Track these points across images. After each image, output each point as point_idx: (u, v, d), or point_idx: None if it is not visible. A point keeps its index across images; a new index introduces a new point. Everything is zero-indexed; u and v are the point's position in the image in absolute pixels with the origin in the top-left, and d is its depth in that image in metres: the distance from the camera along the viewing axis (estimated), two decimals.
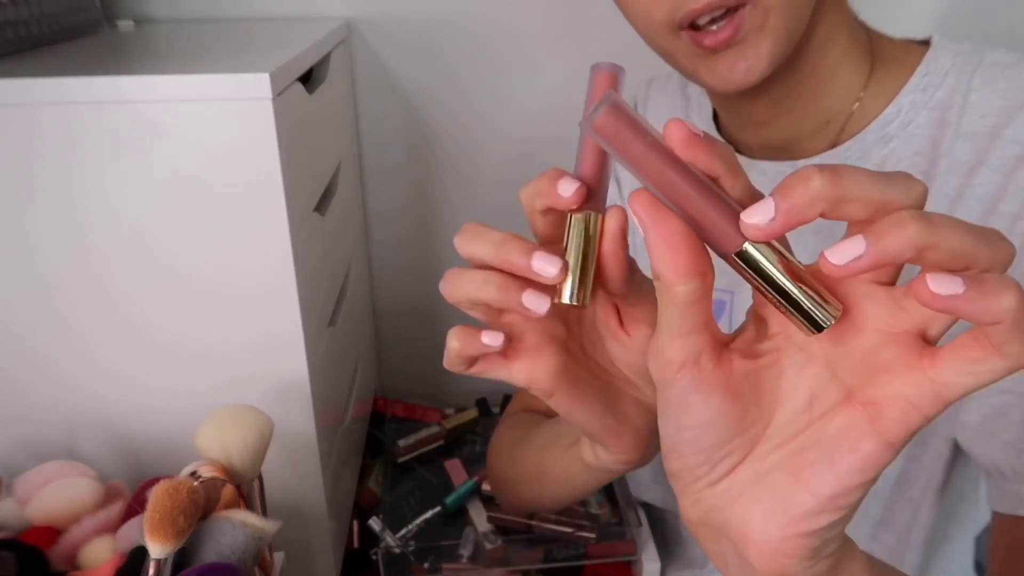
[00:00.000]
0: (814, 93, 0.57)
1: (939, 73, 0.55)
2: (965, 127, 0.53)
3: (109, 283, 0.60)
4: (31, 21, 0.69)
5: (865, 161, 0.57)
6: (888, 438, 0.28)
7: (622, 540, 0.79)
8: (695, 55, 0.51)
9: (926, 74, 0.55)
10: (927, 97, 0.55)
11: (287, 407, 0.64)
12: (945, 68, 0.55)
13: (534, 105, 1.00)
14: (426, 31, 0.96)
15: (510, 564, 0.78)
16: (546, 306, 0.35)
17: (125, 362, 0.63)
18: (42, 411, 0.64)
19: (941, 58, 0.56)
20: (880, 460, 0.28)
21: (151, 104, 0.55)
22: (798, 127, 0.58)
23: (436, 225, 1.07)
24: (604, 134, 0.28)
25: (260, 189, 0.58)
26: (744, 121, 0.61)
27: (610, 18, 0.99)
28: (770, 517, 0.30)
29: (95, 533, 0.54)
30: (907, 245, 0.24)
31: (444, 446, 0.95)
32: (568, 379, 0.39)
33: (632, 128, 0.28)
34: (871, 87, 0.57)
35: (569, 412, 0.40)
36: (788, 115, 0.58)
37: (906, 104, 0.55)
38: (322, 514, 0.70)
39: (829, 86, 0.57)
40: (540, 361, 0.39)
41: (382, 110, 1.00)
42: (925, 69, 0.56)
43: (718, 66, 0.50)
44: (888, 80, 0.56)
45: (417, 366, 1.15)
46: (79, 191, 0.58)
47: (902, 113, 0.55)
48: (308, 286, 0.64)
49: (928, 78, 0.55)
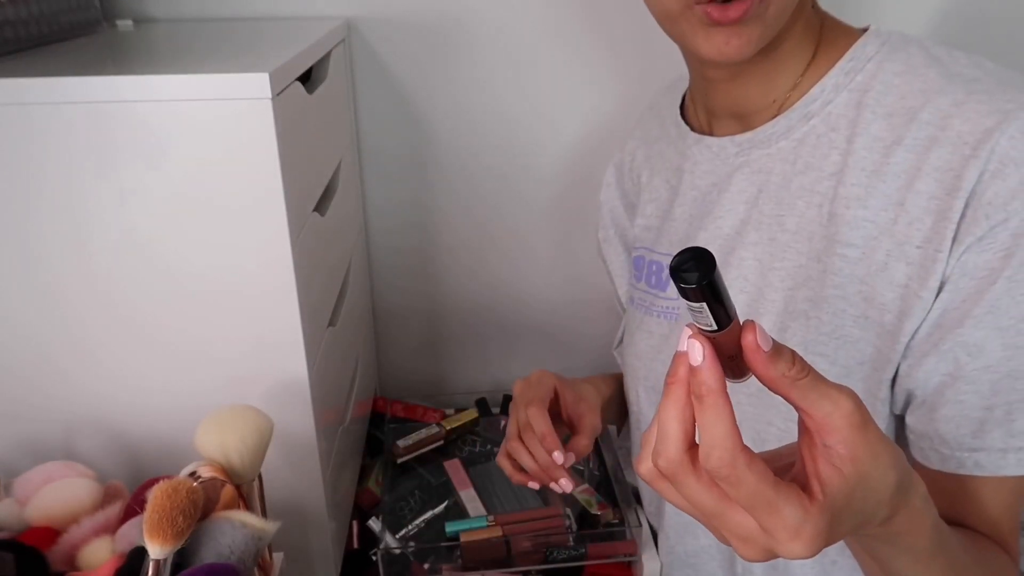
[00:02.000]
0: (767, 74, 0.62)
1: (863, 59, 0.60)
2: (885, 107, 0.58)
3: (108, 283, 0.60)
4: (29, 20, 0.69)
5: (788, 136, 0.62)
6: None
7: (622, 540, 0.79)
8: (699, 25, 0.56)
9: (851, 59, 0.60)
10: (848, 80, 0.60)
11: (287, 407, 0.64)
12: (870, 54, 0.60)
13: (533, 105, 1.00)
14: (426, 31, 0.96)
15: (510, 564, 0.78)
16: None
17: (124, 362, 0.63)
18: (41, 411, 0.64)
19: (868, 45, 0.60)
20: None
21: (150, 104, 0.55)
22: (752, 103, 0.64)
23: (436, 225, 1.07)
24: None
25: (260, 189, 0.58)
26: (709, 92, 0.67)
27: (609, 18, 0.99)
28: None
29: (94, 534, 0.54)
30: None
31: (444, 446, 0.95)
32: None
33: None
34: (810, 70, 0.62)
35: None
36: (744, 91, 0.64)
37: (829, 86, 0.60)
38: (322, 514, 0.70)
39: (779, 69, 0.62)
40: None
41: (382, 110, 1.00)
42: (852, 55, 0.60)
43: (715, 38, 0.56)
44: (824, 64, 0.61)
45: (417, 366, 1.15)
46: (78, 191, 0.57)
47: (824, 93, 0.61)
48: (308, 286, 0.64)
49: (852, 63, 0.60)
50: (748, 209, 0.64)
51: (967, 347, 0.53)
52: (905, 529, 0.42)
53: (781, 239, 0.62)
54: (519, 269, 1.09)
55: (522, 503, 0.84)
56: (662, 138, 0.77)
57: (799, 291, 0.60)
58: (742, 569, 0.69)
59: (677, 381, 0.37)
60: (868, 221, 0.57)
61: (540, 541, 0.78)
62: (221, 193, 0.58)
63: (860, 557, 0.49)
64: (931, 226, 0.54)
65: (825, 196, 0.59)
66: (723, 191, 0.66)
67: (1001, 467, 0.53)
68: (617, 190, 0.85)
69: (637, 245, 0.78)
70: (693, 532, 0.73)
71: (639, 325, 0.75)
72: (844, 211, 0.58)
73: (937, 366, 0.54)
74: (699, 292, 0.33)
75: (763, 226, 0.63)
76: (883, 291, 0.56)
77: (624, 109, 0.99)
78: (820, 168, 0.60)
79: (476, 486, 0.87)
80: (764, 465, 0.36)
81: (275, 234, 0.59)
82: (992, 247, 0.51)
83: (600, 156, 1.02)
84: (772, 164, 0.63)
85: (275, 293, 0.61)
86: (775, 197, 0.62)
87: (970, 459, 0.54)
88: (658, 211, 0.75)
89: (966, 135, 0.53)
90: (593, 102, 1.00)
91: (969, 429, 0.54)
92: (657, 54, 0.91)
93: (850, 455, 0.36)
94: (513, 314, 1.10)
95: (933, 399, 0.55)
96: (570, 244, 1.08)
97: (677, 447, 0.37)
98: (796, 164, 0.61)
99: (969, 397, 0.54)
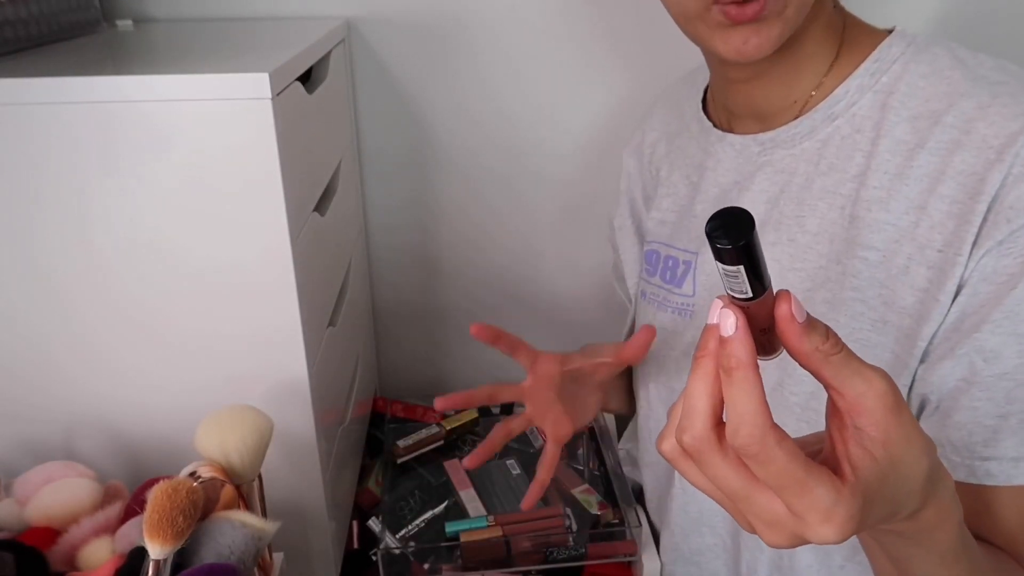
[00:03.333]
0: (787, 75, 0.62)
1: (888, 60, 0.59)
2: (909, 109, 0.57)
3: (108, 282, 0.60)
4: (29, 20, 0.69)
5: (812, 136, 0.62)
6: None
7: (622, 540, 0.79)
8: (717, 25, 0.56)
9: (877, 60, 0.60)
10: (873, 81, 0.60)
11: (287, 407, 0.64)
12: (895, 56, 0.59)
13: (534, 104, 1.00)
14: (425, 31, 0.96)
15: (510, 564, 0.78)
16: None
17: (124, 362, 0.63)
18: (41, 411, 0.64)
19: (894, 46, 0.60)
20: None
21: (150, 104, 0.55)
22: (773, 103, 0.64)
23: (436, 224, 1.07)
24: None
25: (260, 189, 0.58)
26: (730, 91, 0.67)
27: (610, 17, 0.99)
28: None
29: (94, 534, 0.54)
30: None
31: (444, 446, 0.95)
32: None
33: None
34: (833, 71, 0.61)
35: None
36: (764, 92, 0.64)
37: (853, 87, 0.60)
38: (322, 514, 0.70)
39: (800, 69, 0.62)
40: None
41: (382, 110, 1.00)
42: (877, 55, 0.60)
43: (733, 38, 0.56)
44: (848, 65, 0.61)
45: (417, 366, 1.15)
46: (78, 191, 0.57)
47: (848, 94, 0.60)
48: (308, 286, 0.64)
49: (878, 64, 0.60)
50: (768, 209, 0.64)
51: (983, 352, 0.52)
52: (933, 524, 0.39)
53: (801, 240, 0.61)
54: (519, 268, 1.09)
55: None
56: (683, 133, 0.76)
57: (817, 293, 0.59)
58: (747, 568, 0.69)
59: (707, 355, 0.35)
60: (890, 224, 0.56)
61: (540, 541, 0.78)
62: (221, 193, 0.58)
63: (878, 561, 0.47)
64: (952, 230, 0.53)
65: (847, 198, 0.59)
66: (744, 190, 0.66)
67: (1013, 476, 0.52)
68: (638, 180, 0.85)
69: (650, 239, 0.78)
70: (699, 530, 0.73)
71: (651, 320, 0.75)
72: (866, 214, 0.57)
73: (952, 371, 0.53)
74: (736, 253, 0.31)
75: (783, 226, 0.62)
76: (903, 295, 0.55)
77: (626, 108, 0.99)
78: (843, 170, 0.59)
79: (476, 486, 0.87)
80: (795, 444, 0.33)
81: (275, 234, 0.59)
82: (1012, 251, 0.51)
83: (601, 155, 1.02)
84: (795, 164, 0.63)
85: (275, 293, 0.61)
86: (797, 198, 0.62)
87: (981, 467, 0.52)
88: (675, 206, 0.75)
89: (990, 139, 0.52)
90: (594, 101, 1.00)
91: (982, 437, 0.52)
92: (659, 51, 0.92)
93: (883, 438, 0.34)
94: (514, 314, 1.10)
95: (947, 405, 0.54)
96: (571, 243, 1.08)
97: (704, 423, 0.35)
98: (819, 165, 0.61)
99: (983, 404, 0.52)
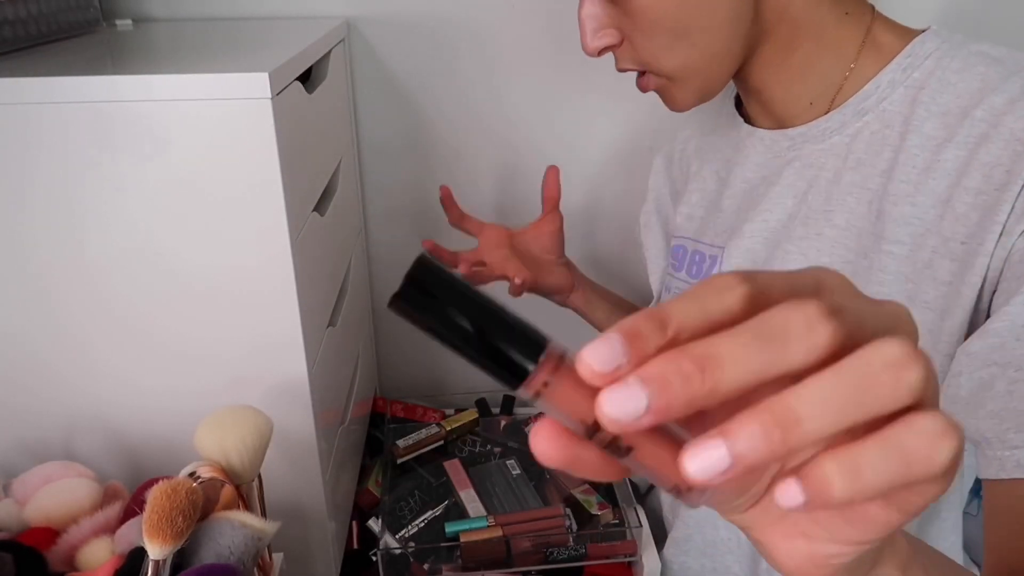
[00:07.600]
0: (801, 74, 0.63)
1: (921, 56, 0.60)
2: (940, 105, 0.57)
3: (106, 284, 0.60)
4: (28, 20, 0.68)
5: (841, 131, 0.62)
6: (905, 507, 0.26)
7: (622, 540, 0.79)
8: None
9: (909, 56, 0.60)
10: (904, 77, 0.60)
11: (287, 407, 0.64)
12: (928, 52, 0.59)
13: (532, 104, 1.00)
14: (425, 31, 0.96)
15: (510, 564, 0.78)
16: None
17: (123, 363, 0.63)
18: (40, 412, 0.64)
19: (927, 43, 0.60)
20: (895, 523, 0.26)
21: (150, 104, 0.55)
22: (786, 109, 0.66)
23: (436, 224, 1.06)
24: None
25: (259, 189, 0.58)
26: (749, 95, 0.69)
27: None
28: (794, 551, 0.29)
29: (93, 534, 0.54)
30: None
31: (444, 446, 0.95)
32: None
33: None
34: (857, 68, 0.62)
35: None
36: (782, 91, 0.65)
37: (884, 82, 0.60)
38: (322, 514, 0.70)
39: (814, 69, 0.63)
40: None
41: (381, 109, 0.99)
42: (909, 51, 0.60)
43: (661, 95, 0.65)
44: (876, 62, 0.61)
45: (417, 366, 1.15)
46: (76, 192, 0.57)
47: (879, 89, 0.60)
48: (307, 286, 0.64)
49: (910, 59, 0.60)
50: (797, 204, 0.64)
51: (1015, 330, 0.49)
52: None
53: (828, 234, 0.61)
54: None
55: (522, 503, 0.84)
56: (716, 129, 0.77)
57: None
58: (766, 566, 0.69)
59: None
60: (916, 219, 0.56)
61: (540, 541, 0.78)
62: (220, 193, 0.58)
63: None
64: (976, 221, 0.53)
65: (875, 193, 0.59)
66: (772, 184, 0.66)
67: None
68: (665, 176, 0.85)
69: (677, 234, 0.78)
70: (713, 523, 0.73)
71: None
72: (892, 208, 0.57)
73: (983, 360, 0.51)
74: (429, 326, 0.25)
75: (811, 221, 0.63)
76: (927, 289, 0.55)
77: (627, 107, 0.99)
78: (872, 164, 0.59)
79: (476, 486, 0.87)
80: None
81: (275, 234, 0.59)
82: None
83: (602, 155, 1.02)
84: (824, 159, 0.63)
85: (275, 293, 0.61)
86: (825, 192, 0.62)
87: (1011, 458, 0.48)
88: (703, 201, 0.76)
89: (1019, 132, 0.52)
90: (594, 101, 1.00)
91: (1014, 423, 0.48)
92: None
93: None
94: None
95: (978, 396, 0.51)
96: (571, 243, 1.07)
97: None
98: (848, 160, 0.61)
99: (1019, 387, 0.49)
